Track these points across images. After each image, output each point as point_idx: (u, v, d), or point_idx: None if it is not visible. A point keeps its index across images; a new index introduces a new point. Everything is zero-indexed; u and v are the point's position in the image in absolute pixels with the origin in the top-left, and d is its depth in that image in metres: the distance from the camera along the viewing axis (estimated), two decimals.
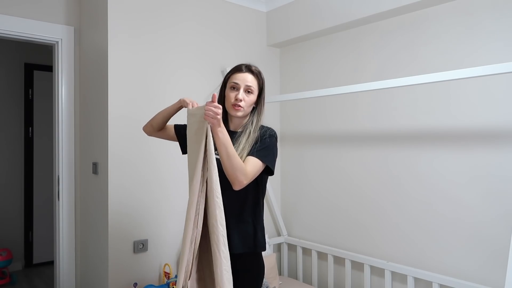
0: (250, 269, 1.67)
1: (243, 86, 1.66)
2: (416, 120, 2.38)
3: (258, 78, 1.70)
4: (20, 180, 4.28)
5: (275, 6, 3.11)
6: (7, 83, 4.19)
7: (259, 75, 1.72)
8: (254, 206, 1.68)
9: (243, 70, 1.69)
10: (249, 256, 1.67)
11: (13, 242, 4.21)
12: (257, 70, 1.72)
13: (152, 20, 2.57)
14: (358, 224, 2.69)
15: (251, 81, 1.67)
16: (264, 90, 1.74)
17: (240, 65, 1.72)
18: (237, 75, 1.68)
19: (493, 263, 2.05)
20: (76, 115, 2.77)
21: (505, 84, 2.01)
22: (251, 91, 1.67)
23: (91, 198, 2.62)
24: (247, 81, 1.66)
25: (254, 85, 1.67)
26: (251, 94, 1.67)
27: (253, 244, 1.66)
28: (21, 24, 2.53)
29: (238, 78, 1.67)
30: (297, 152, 3.15)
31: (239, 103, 1.64)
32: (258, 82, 1.70)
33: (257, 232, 1.68)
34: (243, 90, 1.66)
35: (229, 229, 1.59)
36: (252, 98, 1.68)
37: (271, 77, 3.25)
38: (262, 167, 1.59)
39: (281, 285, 2.83)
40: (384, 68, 2.55)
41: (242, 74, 1.68)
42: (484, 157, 2.10)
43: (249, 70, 1.69)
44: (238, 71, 1.69)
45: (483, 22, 2.10)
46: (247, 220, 1.67)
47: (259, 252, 1.70)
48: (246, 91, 1.66)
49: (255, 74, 1.70)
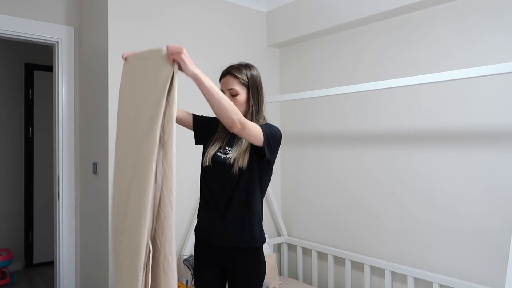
0: (250, 264, 1.67)
1: (226, 91, 1.68)
2: (416, 120, 2.38)
3: (240, 73, 1.67)
4: (20, 180, 4.27)
5: (275, 6, 3.11)
6: (7, 83, 4.18)
7: (240, 68, 1.68)
8: (252, 200, 1.66)
9: (224, 75, 1.71)
10: (248, 251, 1.66)
11: (13, 242, 4.21)
12: (236, 66, 1.70)
13: (152, 20, 2.57)
14: (358, 224, 2.69)
15: (232, 83, 1.67)
16: (254, 83, 1.69)
17: (224, 69, 1.73)
18: (222, 81, 1.72)
19: (493, 263, 2.05)
20: (76, 115, 2.77)
21: (506, 84, 2.01)
22: (235, 94, 1.67)
23: (91, 198, 2.62)
24: (228, 85, 1.68)
25: (236, 86, 1.67)
26: (238, 95, 1.67)
27: (251, 238, 1.65)
28: (21, 24, 2.53)
29: (222, 84, 1.71)
30: (297, 152, 3.15)
31: None
32: (240, 80, 1.67)
33: (254, 226, 1.66)
34: (228, 95, 1.67)
35: (227, 223, 1.62)
36: (240, 98, 1.67)
37: (271, 77, 3.25)
38: (260, 135, 1.53)
39: (281, 285, 2.83)
40: (384, 68, 2.55)
41: (223, 80, 1.71)
42: (484, 157, 2.09)
43: (228, 73, 1.69)
44: (221, 75, 1.73)
45: (483, 22, 2.10)
46: (244, 214, 1.65)
47: (258, 246, 1.69)
48: (231, 95, 1.67)
49: (233, 74, 1.67)
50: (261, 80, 1.74)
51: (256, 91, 1.70)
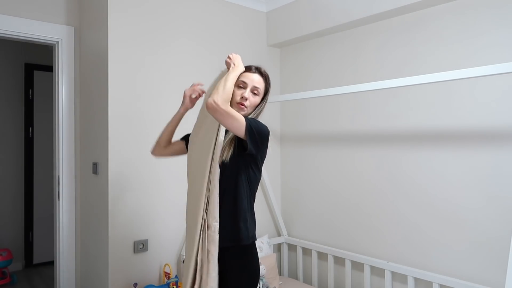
0: (238, 263, 1.62)
1: (251, 86, 1.66)
2: (416, 121, 2.38)
3: (266, 81, 1.72)
4: (20, 180, 4.28)
5: (275, 6, 3.11)
6: (7, 83, 4.19)
7: (267, 78, 1.73)
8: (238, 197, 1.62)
9: (253, 70, 1.69)
10: (235, 249, 1.62)
11: (13, 242, 4.21)
12: (266, 74, 1.73)
13: (152, 20, 2.57)
14: (358, 224, 2.69)
15: (259, 82, 1.68)
16: (268, 95, 1.74)
17: (250, 65, 1.72)
18: (246, 74, 1.67)
19: (493, 263, 2.05)
20: (76, 115, 2.77)
21: (506, 84, 2.01)
22: (257, 93, 1.67)
23: (91, 198, 2.62)
24: (255, 82, 1.67)
25: (261, 87, 1.68)
26: (257, 96, 1.68)
27: (238, 237, 1.61)
28: (21, 24, 2.53)
29: (247, 77, 1.67)
30: (297, 152, 3.15)
31: (244, 102, 1.64)
32: (265, 85, 1.71)
33: (240, 224, 1.61)
34: (250, 90, 1.66)
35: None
36: (257, 99, 1.68)
37: (271, 77, 3.20)
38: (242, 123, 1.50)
39: (281, 285, 2.83)
40: (384, 68, 2.55)
41: (251, 74, 1.68)
42: (484, 157, 2.09)
43: (259, 72, 1.70)
44: (248, 70, 1.69)
45: (483, 22, 2.10)
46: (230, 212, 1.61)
47: (246, 244, 1.63)
48: (253, 92, 1.66)
49: (264, 77, 1.71)
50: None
51: (265, 101, 1.74)
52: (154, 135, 2.55)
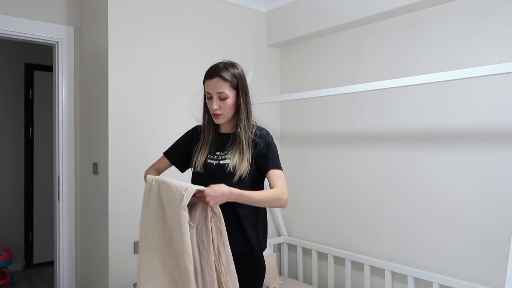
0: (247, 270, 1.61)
1: (214, 94, 1.58)
2: (416, 121, 2.38)
3: (229, 79, 1.58)
4: (20, 180, 4.28)
5: (275, 6, 3.11)
6: (7, 83, 4.19)
7: (232, 72, 1.60)
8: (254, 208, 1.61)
9: (211, 76, 1.59)
10: (246, 257, 1.62)
11: (13, 242, 4.21)
12: (227, 67, 1.60)
13: (152, 20, 2.57)
14: (359, 224, 2.69)
15: (221, 86, 1.57)
16: (242, 85, 1.62)
17: (209, 69, 1.62)
18: (208, 83, 1.60)
19: (493, 263, 2.05)
20: (76, 115, 2.77)
21: (506, 84, 2.01)
22: (224, 97, 1.58)
23: (91, 198, 2.62)
24: (217, 88, 1.57)
25: (225, 89, 1.57)
26: (227, 98, 1.58)
27: (249, 246, 1.61)
28: (21, 24, 2.53)
29: (209, 87, 1.59)
30: (297, 152, 3.15)
31: (216, 112, 1.60)
32: (230, 83, 1.59)
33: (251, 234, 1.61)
34: (216, 98, 1.58)
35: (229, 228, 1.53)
36: (229, 101, 1.59)
37: (271, 77, 3.25)
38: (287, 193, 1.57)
39: (281, 285, 2.83)
40: (384, 68, 2.55)
41: (211, 82, 1.59)
42: (484, 157, 2.09)
43: (216, 75, 1.58)
44: (208, 77, 1.61)
45: (483, 22, 2.10)
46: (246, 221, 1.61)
47: (257, 254, 1.64)
48: (220, 98, 1.58)
49: (223, 77, 1.57)
50: (245, 79, 1.66)
51: (244, 93, 1.62)
52: (154, 135, 2.56)
